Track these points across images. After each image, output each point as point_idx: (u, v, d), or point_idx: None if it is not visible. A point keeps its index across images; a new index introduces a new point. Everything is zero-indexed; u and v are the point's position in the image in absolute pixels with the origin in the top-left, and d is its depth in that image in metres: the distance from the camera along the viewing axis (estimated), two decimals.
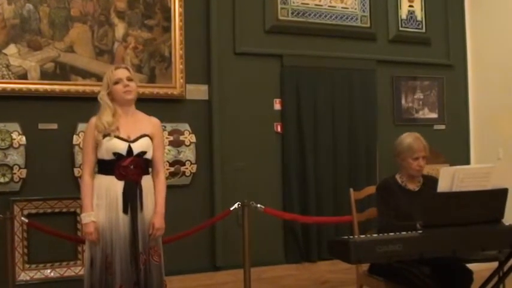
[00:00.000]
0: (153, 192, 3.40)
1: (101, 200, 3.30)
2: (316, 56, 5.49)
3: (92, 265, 3.30)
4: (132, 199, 3.28)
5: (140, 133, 3.38)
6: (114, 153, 3.29)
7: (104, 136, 3.31)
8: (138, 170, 3.32)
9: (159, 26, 4.91)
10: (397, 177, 3.61)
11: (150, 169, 3.45)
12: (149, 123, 3.47)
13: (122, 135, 3.33)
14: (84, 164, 3.39)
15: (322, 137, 5.44)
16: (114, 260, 3.24)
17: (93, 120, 3.39)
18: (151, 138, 3.41)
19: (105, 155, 3.31)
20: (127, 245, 3.25)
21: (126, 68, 3.49)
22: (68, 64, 4.60)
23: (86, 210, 3.30)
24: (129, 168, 3.29)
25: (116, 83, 3.37)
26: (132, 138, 3.34)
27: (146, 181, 3.38)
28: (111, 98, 3.39)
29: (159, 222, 3.36)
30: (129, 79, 3.40)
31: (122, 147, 3.30)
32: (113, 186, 3.28)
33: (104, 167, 3.34)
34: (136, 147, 3.33)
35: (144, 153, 3.36)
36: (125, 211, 3.26)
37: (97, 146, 3.33)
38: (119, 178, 3.29)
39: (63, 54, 4.59)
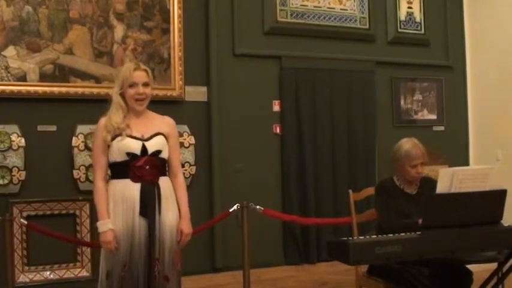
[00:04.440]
0: (173, 195, 3.21)
1: (117, 207, 3.07)
2: (315, 58, 5.49)
3: (108, 277, 3.05)
4: (150, 201, 3.06)
5: (154, 131, 3.17)
6: (128, 154, 3.08)
7: (115, 136, 3.10)
8: (154, 170, 3.11)
9: (158, 28, 4.91)
10: (395, 179, 3.60)
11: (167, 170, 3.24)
12: (163, 122, 3.27)
13: (134, 134, 3.12)
14: (96, 169, 3.16)
15: (321, 138, 5.44)
16: (132, 266, 3.03)
17: (103, 120, 3.16)
18: (166, 138, 3.20)
19: (118, 156, 3.10)
20: (143, 251, 3.04)
21: (145, 71, 3.23)
22: (67, 66, 4.60)
23: (102, 218, 3.06)
24: (144, 168, 3.07)
25: (131, 86, 3.16)
26: (146, 137, 3.13)
27: (164, 182, 3.17)
28: (123, 97, 3.19)
29: (188, 227, 3.20)
30: (145, 84, 3.18)
31: (135, 146, 3.09)
32: (129, 189, 3.07)
33: (117, 170, 3.12)
34: (151, 146, 3.12)
35: (159, 152, 3.14)
36: (142, 214, 3.05)
37: (108, 147, 3.11)
38: (135, 180, 3.07)
39: (62, 56, 4.59)
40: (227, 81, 5.18)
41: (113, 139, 3.11)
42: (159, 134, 3.18)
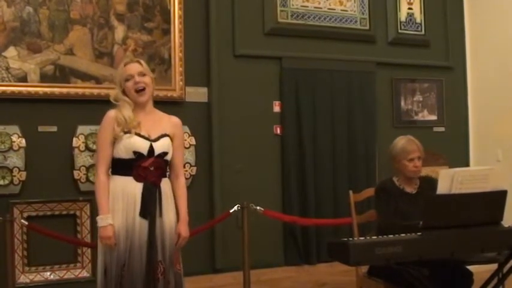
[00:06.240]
0: (173, 196, 3.16)
1: (117, 203, 3.02)
2: (316, 59, 5.50)
3: (106, 275, 2.99)
4: (151, 203, 3.01)
5: (161, 132, 3.12)
6: (135, 152, 3.02)
7: (124, 133, 3.03)
8: (158, 171, 3.06)
9: (159, 29, 4.92)
10: (395, 179, 3.61)
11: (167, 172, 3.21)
12: (169, 122, 3.21)
13: (142, 133, 3.06)
14: (100, 162, 3.07)
15: (321, 139, 5.44)
16: (131, 268, 2.97)
17: (112, 112, 3.08)
18: (171, 139, 3.15)
19: (124, 153, 3.03)
20: (143, 253, 2.99)
21: (138, 62, 3.17)
22: (67, 67, 4.61)
23: (103, 213, 3.00)
24: (149, 169, 3.03)
25: (127, 80, 3.10)
26: (153, 137, 3.08)
27: (165, 184, 3.13)
28: (126, 95, 3.12)
29: (186, 230, 3.15)
30: (142, 74, 3.11)
31: (143, 146, 3.04)
32: (130, 188, 3.02)
33: (120, 167, 3.06)
34: (158, 147, 3.07)
35: (165, 154, 3.10)
36: (142, 215, 3.00)
37: (115, 141, 3.04)
38: (138, 180, 3.02)
39: (62, 57, 4.60)
40: (227, 82, 5.18)
41: None
42: (165, 135, 3.14)
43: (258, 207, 4.48)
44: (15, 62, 4.45)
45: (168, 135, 3.15)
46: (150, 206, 3.02)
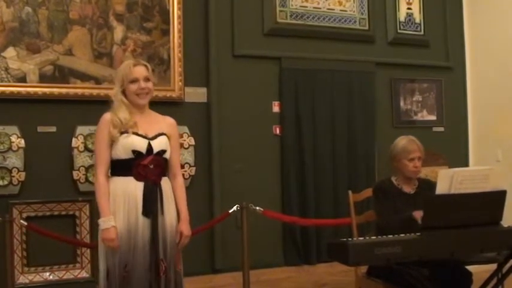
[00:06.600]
0: (173, 196, 3.18)
1: (118, 204, 3.02)
2: (315, 59, 5.50)
3: (109, 277, 2.99)
4: (152, 201, 3.04)
5: (158, 131, 3.15)
6: (134, 151, 3.04)
7: (121, 133, 3.05)
8: (158, 170, 3.09)
9: (158, 29, 4.91)
10: (393, 179, 3.62)
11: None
12: (165, 122, 3.24)
13: (140, 132, 3.09)
14: (98, 164, 3.08)
15: (321, 139, 5.44)
16: (134, 267, 2.98)
17: (108, 115, 3.11)
18: (168, 138, 3.17)
19: (123, 153, 3.05)
20: (146, 251, 3.01)
21: (145, 66, 3.19)
22: (66, 67, 4.60)
23: (104, 215, 3.00)
24: (149, 167, 3.05)
25: (132, 82, 3.11)
26: (150, 136, 3.10)
27: (165, 183, 3.15)
28: (125, 95, 3.14)
29: (187, 229, 3.17)
30: (147, 79, 3.14)
31: (141, 144, 3.06)
32: (131, 188, 3.03)
33: (120, 167, 3.07)
34: (156, 145, 3.09)
35: (163, 152, 3.12)
36: (145, 214, 3.02)
37: (112, 143, 3.06)
38: (138, 179, 3.04)
39: (62, 57, 4.59)
40: (227, 82, 5.18)
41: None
42: (162, 134, 3.16)
43: (257, 208, 4.48)
44: (15, 63, 4.45)
45: (165, 134, 3.17)
46: (151, 204, 3.04)
